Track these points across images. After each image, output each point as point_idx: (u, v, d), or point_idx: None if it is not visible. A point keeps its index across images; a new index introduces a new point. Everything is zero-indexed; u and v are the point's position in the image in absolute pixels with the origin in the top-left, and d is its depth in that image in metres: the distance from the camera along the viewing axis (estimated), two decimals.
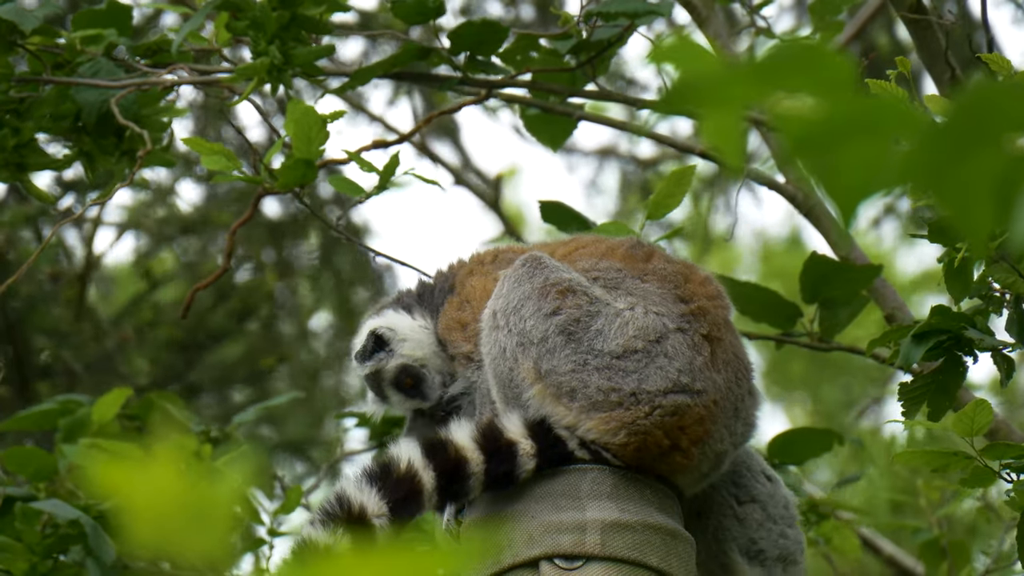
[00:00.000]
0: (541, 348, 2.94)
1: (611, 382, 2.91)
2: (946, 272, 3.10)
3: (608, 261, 3.07)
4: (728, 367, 2.99)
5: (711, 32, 4.07)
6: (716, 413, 2.95)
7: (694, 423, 2.93)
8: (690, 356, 2.94)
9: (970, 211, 1.43)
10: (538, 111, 4.03)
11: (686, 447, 2.93)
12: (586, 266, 3.06)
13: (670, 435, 2.92)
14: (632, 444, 2.91)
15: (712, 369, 2.96)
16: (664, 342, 2.93)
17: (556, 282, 2.97)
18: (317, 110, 3.46)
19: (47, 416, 4.15)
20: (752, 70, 1.39)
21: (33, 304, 6.43)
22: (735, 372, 3.00)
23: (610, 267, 3.06)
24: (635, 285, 3.02)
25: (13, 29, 3.69)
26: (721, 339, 3.00)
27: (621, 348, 2.92)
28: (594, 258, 3.09)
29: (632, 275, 3.04)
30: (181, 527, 1.39)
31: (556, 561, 2.87)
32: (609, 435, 2.91)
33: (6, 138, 3.72)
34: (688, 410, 2.92)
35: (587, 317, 2.94)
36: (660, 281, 3.03)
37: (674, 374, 2.92)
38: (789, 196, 4.07)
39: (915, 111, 1.42)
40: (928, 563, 4.42)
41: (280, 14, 3.60)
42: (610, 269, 3.05)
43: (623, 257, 3.08)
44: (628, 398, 2.91)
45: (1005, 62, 3.11)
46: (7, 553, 3.68)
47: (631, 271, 3.04)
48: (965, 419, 3.07)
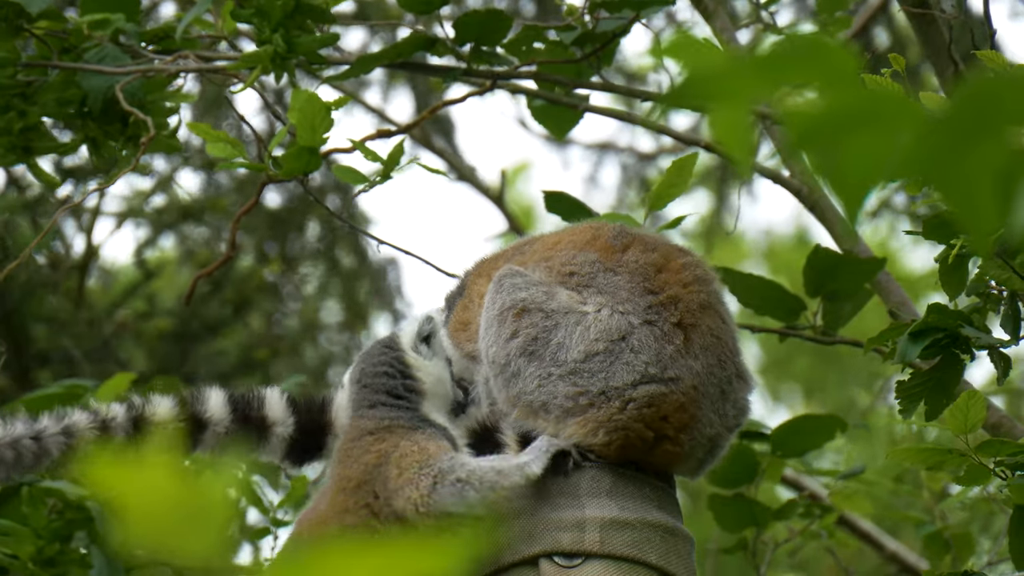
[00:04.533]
0: (507, 373, 2.96)
1: (577, 387, 2.91)
2: (941, 269, 3.10)
3: (586, 253, 3.06)
4: (708, 351, 2.96)
5: (717, 26, 4.07)
6: (698, 398, 2.93)
7: (675, 411, 2.91)
8: (658, 347, 2.92)
9: (972, 204, 1.43)
10: (543, 102, 4.03)
11: (673, 435, 2.92)
12: (564, 259, 3.05)
13: (652, 426, 2.91)
14: (615, 441, 2.90)
15: (687, 356, 2.94)
16: (629, 338, 2.92)
17: (512, 304, 2.98)
18: (320, 97, 3.46)
19: (51, 400, 4.14)
20: (757, 64, 1.39)
21: (31, 292, 6.43)
22: (717, 356, 2.98)
23: (586, 260, 3.04)
24: (606, 280, 3.01)
25: (20, 13, 3.70)
26: (696, 325, 2.97)
27: (583, 354, 2.92)
28: (575, 249, 3.07)
29: (605, 268, 3.02)
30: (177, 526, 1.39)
31: (555, 559, 2.88)
32: (589, 437, 2.91)
33: (13, 121, 3.73)
34: (664, 399, 2.90)
35: (544, 333, 2.95)
36: (630, 274, 3.01)
37: (641, 366, 2.90)
38: (794, 190, 4.07)
39: (918, 103, 1.42)
40: (932, 555, 4.42)
41: (285, 2, 3.60)
42: (586, 263, 3.04)
43: (602, 248, 3.06)
44: (598, 398, 2.90)
45: (1000, 58, 3.11)
46: (13, 537, 3.69)
47: (605, 263, 3.03)
48: (958, 414, 3.07)
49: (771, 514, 4.21)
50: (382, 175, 3.56)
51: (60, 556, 3.70)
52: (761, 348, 9.96)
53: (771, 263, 10.57)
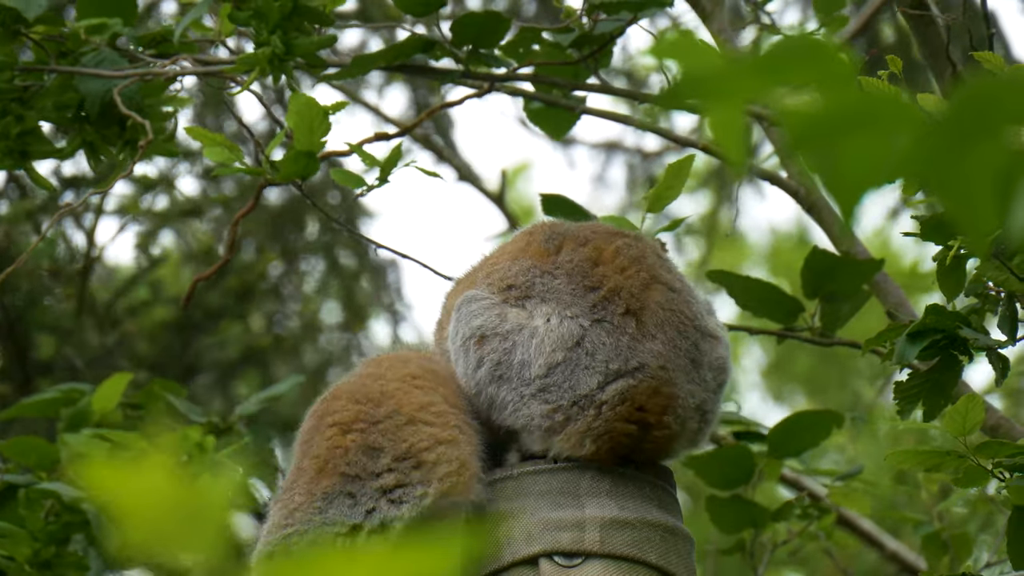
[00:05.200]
0: (480, 401, 2.96)
1: (549, 403, 2.90)
2: (939, 270, 3.11)
3: (521, 261, 3.02)
4: (664, 327, 2.94)
5: (715, 27, 4.07)
6: (669, 377, 2.91)
7: (649, 398, 2.89)
8: (613, 341, 2.90)
9: (971, 206, 1.43)
10: (541, 104, 4.03)
11: (656, 420, 2.90)
12: (502, 273, 3.02)
13: (632, 419, 2.89)
14: (603, 447, 2.89)
15: (644, 339, 2.91)
16: (583, 342, 2.91)
17: (471, 334, 2.97)
18: (318, 101, 3.46)
19: (49, 404, 4.15)
20: (753, 65, 1.39)
21: (34, 300, 6.43)
22: (675, 327, 2.95)
23: (522, 269, 3.01)
24: (547, 285, 2.98)
25: (17, 17, 3.70)
26: (644, 306, 2.94)
27: (545, 368, 2.90)
28: (510, 260, 3.04)
29: (542, 272, 3.00)
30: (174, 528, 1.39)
31: (555, 558, 2.87)
32: (576, 449, 2.90)
33: (10, 126, 3.73)
34: (635, 390, 2.88)
35: (506, 356, 2.94)
36: (568, 276, 2.98)
37: (602, 367, 2.89)
38: (792, 191, 4.06)
39: (915, 105, 1.42)
40: (930, 556, 4.42)
41: (282, 4, 3.60)
42: (521, 272, 3.01)
43: (536, 253, 3.03)
44: (571, 410, 2.89)
45: (997, 60, 3.11)
46: (10, 539, 3.69)
47: (542, 267, 3.00)
48: (957, 416, 3.07)
49: (769, 515, 4.20)
50: (380, 178, 3.56)
51: (57, 559, 3.70)
52: (761, 349, 9.97)
53: (773, 263, 10.57)
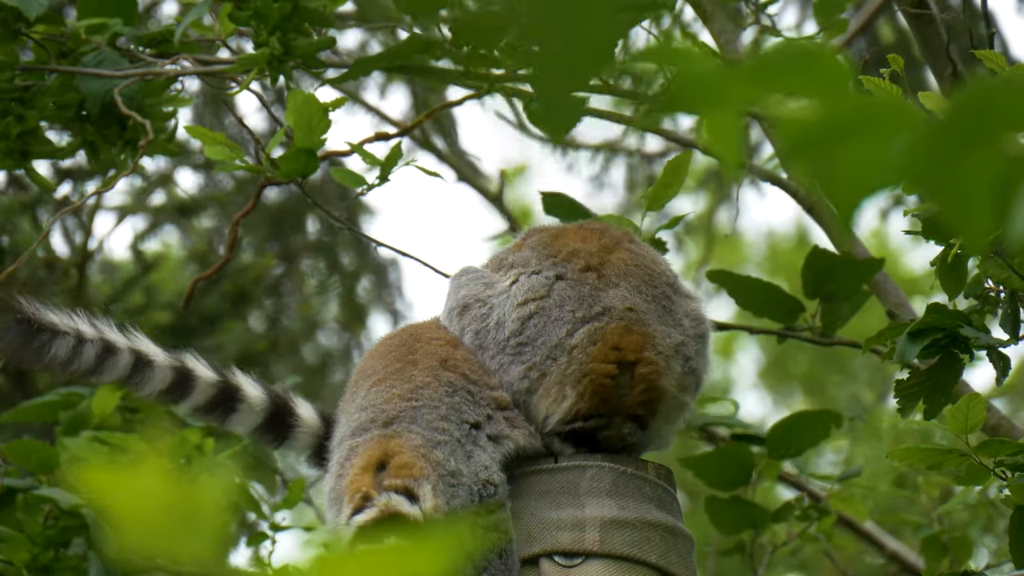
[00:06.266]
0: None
1: (524, 363, 2.97)
2: (939, 269, 3.11)
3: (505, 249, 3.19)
4: (628, 276, 3.03)
5: (715, 29, 4.06)
6: (638, 317, 2.98)
7: (622, 336, 2.96)
8: (576, 292, 3.00)
9: (968, 210, 1.43)
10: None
11: (635, 357, 2.95)
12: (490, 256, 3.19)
13: (609, 359, 2.95)
14: (585, 391, 2.94)
15: (607, 287, 3.01)
16: (551, 294, 2.99)
17: (455, 305, 3.10)
18: (317, 98, 3.46)
19: (49, 408, 4.14)
20: (749, 71, 1.39)
21: (32, 294, 6.40)
22: (640, 277, 3.03)
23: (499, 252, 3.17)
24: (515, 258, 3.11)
25: (18, 17, 3.70)
26: (605, 262, 3.05)
27: (519, 321, 2.99)
28: None
29: (513, 249, 3.14)
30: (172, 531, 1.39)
31: (556, 558, 2.89)
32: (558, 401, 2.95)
33: (10, 126, 3.73)
34: (604, 330, 2.96)
35: (483, 322, 3.03)
36: (532, 248, 3.11)
37: (569, 316, 2.97)
38: (792, 192, 4.07)
39: (912, 110, 1.42)
40: (929, 559, 4.43)
41: (282, 5, 3.59)
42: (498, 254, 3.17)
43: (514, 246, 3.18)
44: (545, 363, 2.95)
45: (999, 58, 3.11)
46: (8, 543, 3.68)
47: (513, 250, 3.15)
48: (959, 415, 3.07)
49: (768, 516, 4.21)
50: (380, 177, 3.56)
51: (55, 563, 3.70)
52: (761, 349, 9.96)
53: (772, 264, 10.55)
